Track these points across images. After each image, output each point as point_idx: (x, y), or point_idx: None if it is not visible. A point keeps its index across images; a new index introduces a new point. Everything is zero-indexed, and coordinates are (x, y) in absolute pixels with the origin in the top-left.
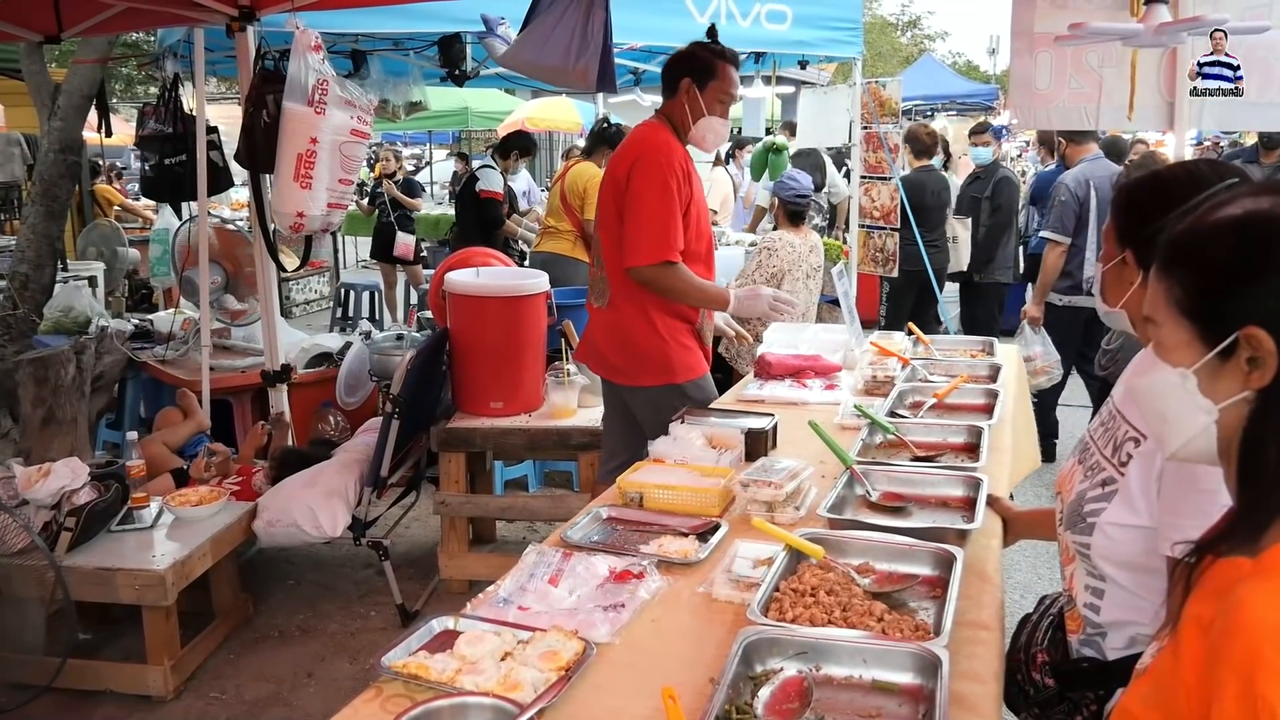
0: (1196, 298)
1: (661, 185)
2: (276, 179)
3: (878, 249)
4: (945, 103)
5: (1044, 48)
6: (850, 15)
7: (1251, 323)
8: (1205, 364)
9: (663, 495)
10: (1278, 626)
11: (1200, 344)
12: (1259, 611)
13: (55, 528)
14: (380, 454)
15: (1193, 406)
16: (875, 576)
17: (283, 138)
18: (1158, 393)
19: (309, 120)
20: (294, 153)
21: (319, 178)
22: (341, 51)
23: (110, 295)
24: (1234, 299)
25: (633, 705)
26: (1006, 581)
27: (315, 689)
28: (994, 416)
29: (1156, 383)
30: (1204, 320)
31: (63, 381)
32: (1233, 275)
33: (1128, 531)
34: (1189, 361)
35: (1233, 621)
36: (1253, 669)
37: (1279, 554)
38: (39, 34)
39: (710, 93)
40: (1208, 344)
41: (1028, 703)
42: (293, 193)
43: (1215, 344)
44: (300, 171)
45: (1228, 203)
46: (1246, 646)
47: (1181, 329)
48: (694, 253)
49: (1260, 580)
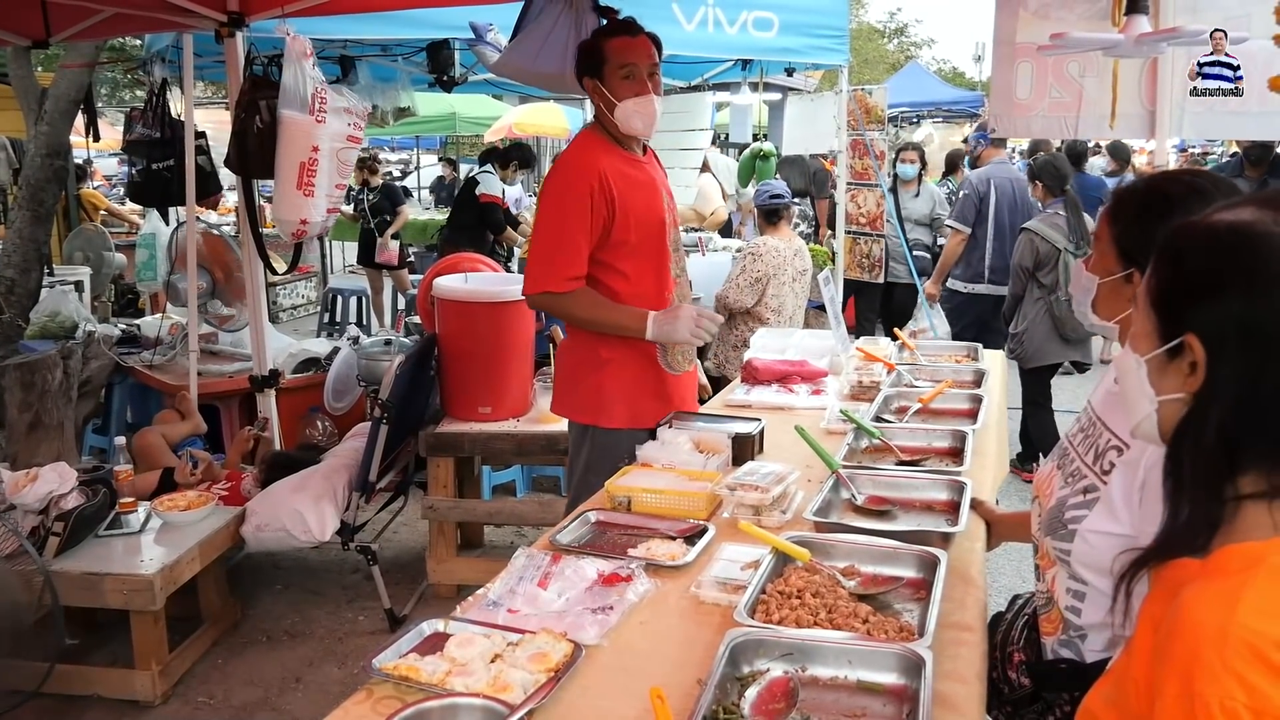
0: (1167, 294)
1: (556, 207)
2: (278, 188)
3: (864, 255)
4: (931, 110)
5: (1025, 58)
6: (837, 22)
7: (1195, 330)
8: (1155, 357)
9: (650, 499)
10: (1217, 628)
11: (1156, 337)
12: (1200, 612)
13: (43, 533)
14: (369, 459)
15: (1142, 392)
16: (860, 579)
17: (283, 146)
18: (1122, 371)
19: (310, 129)
20: (296, 161)
21: (320, 185)
22: (330, 57)
23: (96, 300)
24: (1191, 303)
25: (621, 706)
26: (991, 585)
27: (303, 693)
28: (978, 421)
29: (1122, 363)
30: (1165, 316)
31: (49, 386)
32: (1199, 281)
33: (1109, 539)
34: (1145, 350)
35: (1176, 622)
36: (1191, 669)
37: (1224, 556)
38: (27, 39)
39: (609, 77)
40: (1161, 339)
41: (1001, 701)
42: (296, 201)
43: (1166, 341)
44: (303, 180)
45: (1232, 209)
46: (1187, 647)
47: (1148, 319)
48: (641, 252)
49: (1204, 582)
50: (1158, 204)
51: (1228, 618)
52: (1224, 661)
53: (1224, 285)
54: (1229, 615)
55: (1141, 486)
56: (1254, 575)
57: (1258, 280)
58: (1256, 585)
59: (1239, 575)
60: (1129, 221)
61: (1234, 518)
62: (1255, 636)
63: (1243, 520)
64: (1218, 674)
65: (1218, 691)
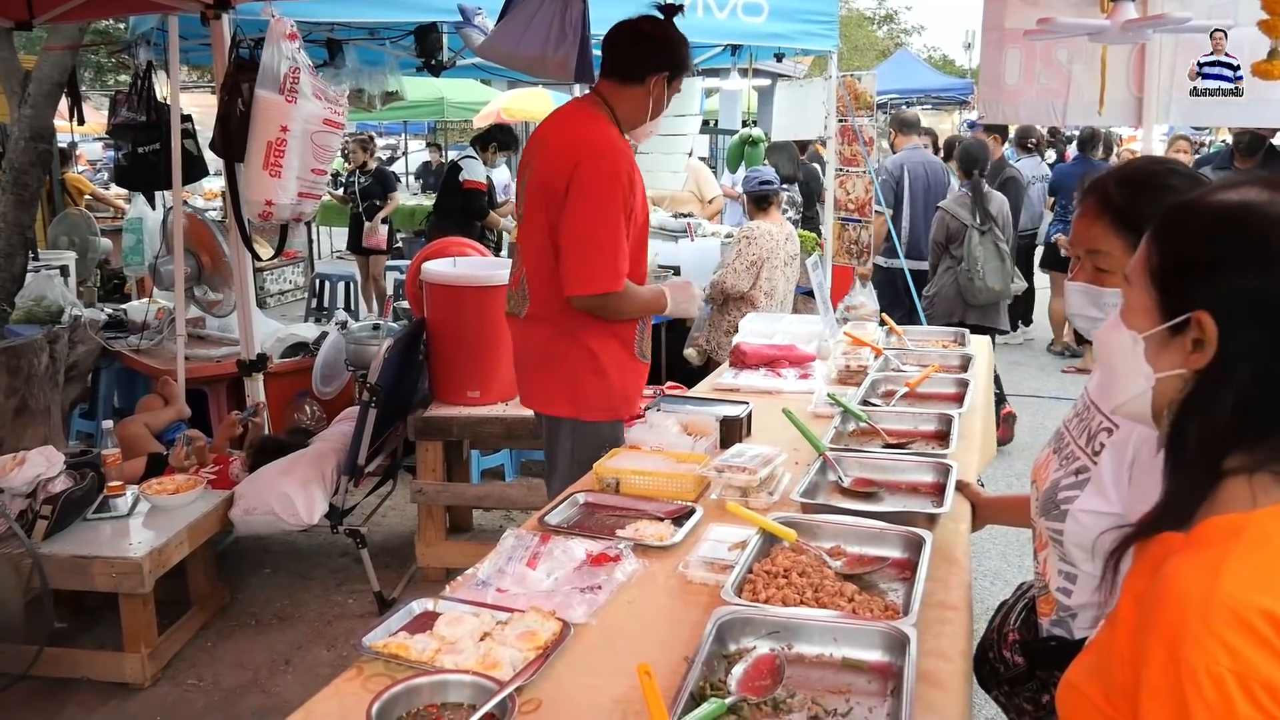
0: (1169, 270)
1: (608, 202)
2: (247, 167)
3: (852, 241)
4: (920, 97)
5: (1014, 44)
6: (826, 9)
7: (1204, 307)
8: (1156, 333)
9: (639, 481)
10: (1201, 597)
11: (1158, 313)
12: (1184, 582)
13: (31, 516)
14: (358, 442)
15: (1136, 369)
16: (846, 559)
17: (254, 125)
18: (1110, 348)
19: (280, 108)
20: (264, 140)
21: (289, 166)
22: (317, 40)
23: (82, 285)
24: (1197, 280)
25: (609, 683)
26: (977, 569)
27: (293, 676)
28: (964, 405)
29: (1113, 340)
30: (1167, 292)
31: (36, 371)
32: (1204, 258)
33: (1099, 518)
34: (1144, 327)
35: (1161, 593)
36: (1177, 637)
37: (1207, 528)
38: (9, 20)
39: (674, 88)
40: (1164, 315)
41: (998, 680)
42: (262, 181)
43: (1170, 317)
44: (270, 159)
45: (1231, 188)
46: (1172, 616)
47: (1146, 295)
48: (639, 240)
49: (1188, 553)
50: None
51: (1211, 586)
52: (1209, 628)
53: (1237, 262)
54: (1213, 584)
55: (1130, 465)
56: (1236, 544)
57: (1272, 257)
58: (1238, 554)
59: (1221, 545)
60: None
61: (1215, 491)
62: (1239, 604)
63: (1224, 493)
64: (1203, 641)
65: (1204, 658)
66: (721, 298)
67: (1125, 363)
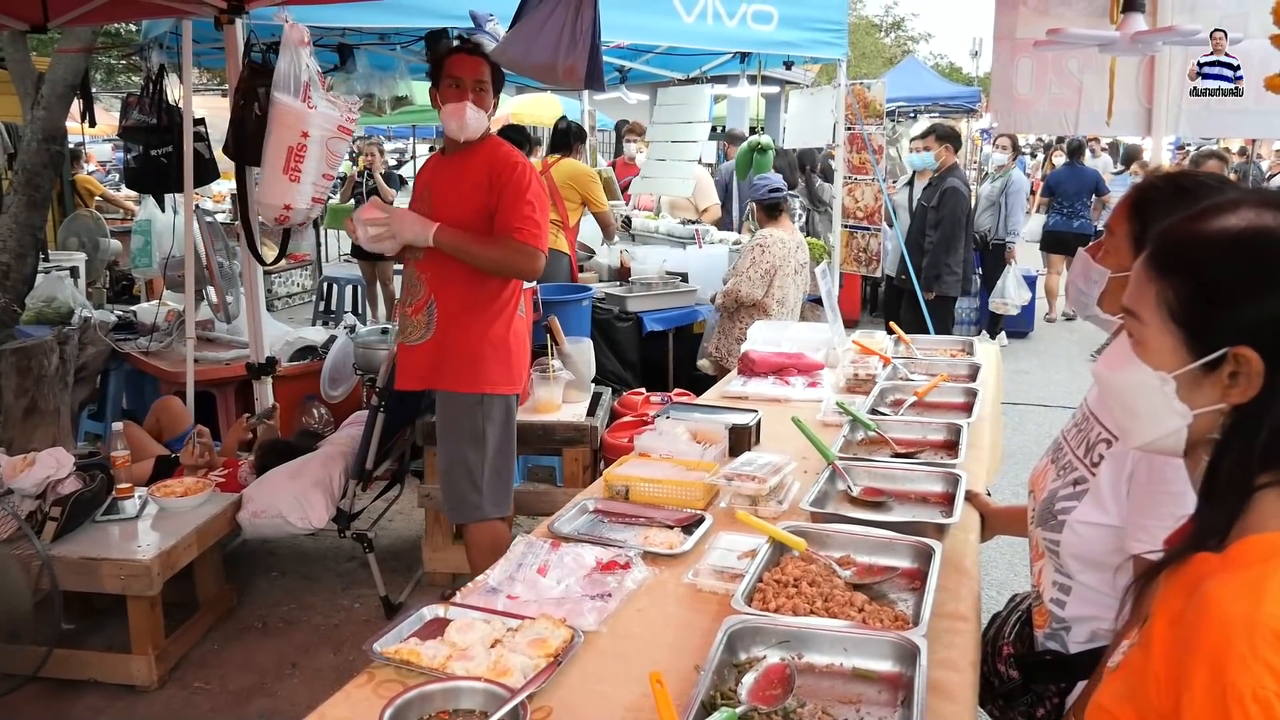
0: (1190, 307)
1: None
2: (264, 171)
3: (860, 249)
4: (928, 104)
5: (1025, 53)
6: (836, 16)
7: (1243, 341)
8: (1188, 372)
9: (648, 489)
10: (1245, 617)
11: (1186, 352)
12: (1227, 605)
13: (40, 517)
14: (365, 446)
15: (1168, 409)
16: (856, 568)
17: (273, 130)
18: (1131, 390)
19: (301, 114)
20: (284, 146)
21: (307, 172)
22: (328, 45)
23: (91, 286)
24: (1228, 314)
25: (620, 691)
26: (983, 579)
27: (299, 679)
28: (973, 414)
29: (1132, 381)
30: (1194, 330)
31: (45, 372)
32: (1230, 291)
33: (1096, 530)
34: (1171, 366)
35: (1202, 615)
36: (1222, 658)
37: (1244, 548)
38: (25, 23)
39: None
40: (1194, 353)
41: (993, 694)
42: (281, 185)
43: (1202, 354)
44: (290, 165)
45: (1228, 211)
46: (1216, 637)
47: (1168, 334)
48: None
49: (1228, 574)
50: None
51: (1255, 608)
52: (1254, 651)
53: (1269, 290)
54: (1256, 605)
55: (1129, 477)
56: (1278, 565)
57: None
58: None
59: (1262, 566)
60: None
61: (1248, 508)
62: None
63: (1257, 510)
64: (1249, 663)
65: (1249, 680)
66: (735, 306)
67: (1152, 403)
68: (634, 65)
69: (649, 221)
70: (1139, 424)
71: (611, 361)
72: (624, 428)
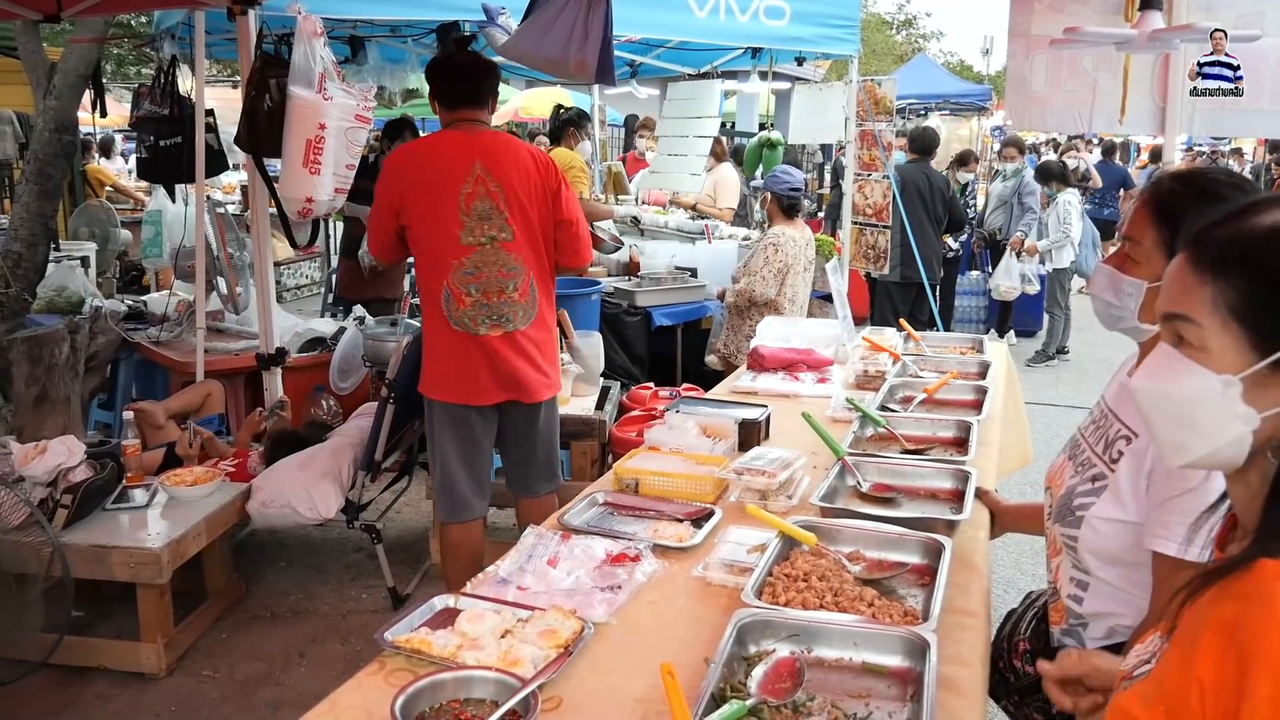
0: (1254, 304)
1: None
2: (285, 165)
3: (869, 246)
4: (939, 102)
5: (1040, 50)
6: (848, 13)
7: None
8: (1255, 372)
9: (658, 482)
10: None
11: (1251, 351)
12: None
13: (51, 505)
14: (374, 438)
15: (1230, 414)
16: (866, 564)
17: (290, 123)
18: (1188, 398)
19: (317, 106)
20: (303, 139)
21: (326, 163)
22: (340, 37)
23: (101, 276)
24: None
25: (630, 682)
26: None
27: (307, 669)
28: (983, 412)
29: (1188, 388)
30: (1259, 328)
31: (56, 361)
32: None
33: (1115, 526)
34: (1235, 368)
35: (1263, 621)
36: None
37: None
38: (38, 13)
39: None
40: (1261, 352)
41: (1008, 690)
42: (302, 178)
43: (1270, 352)
44: (309, 157)
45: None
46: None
47: (1229, 334)
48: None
49: None
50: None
51: None
52: None
53: None
54: None
55: (1148, 474)
56: None
57: None
58: None
59: None
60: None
61: None
62: None
63: None
64: None
65: None
66: (746, 304)
67: (1213, 410)
68: (645, 60)
69: (658, 217)
70: (1197, 435)
71: (620, 356)
72: (632, 422)
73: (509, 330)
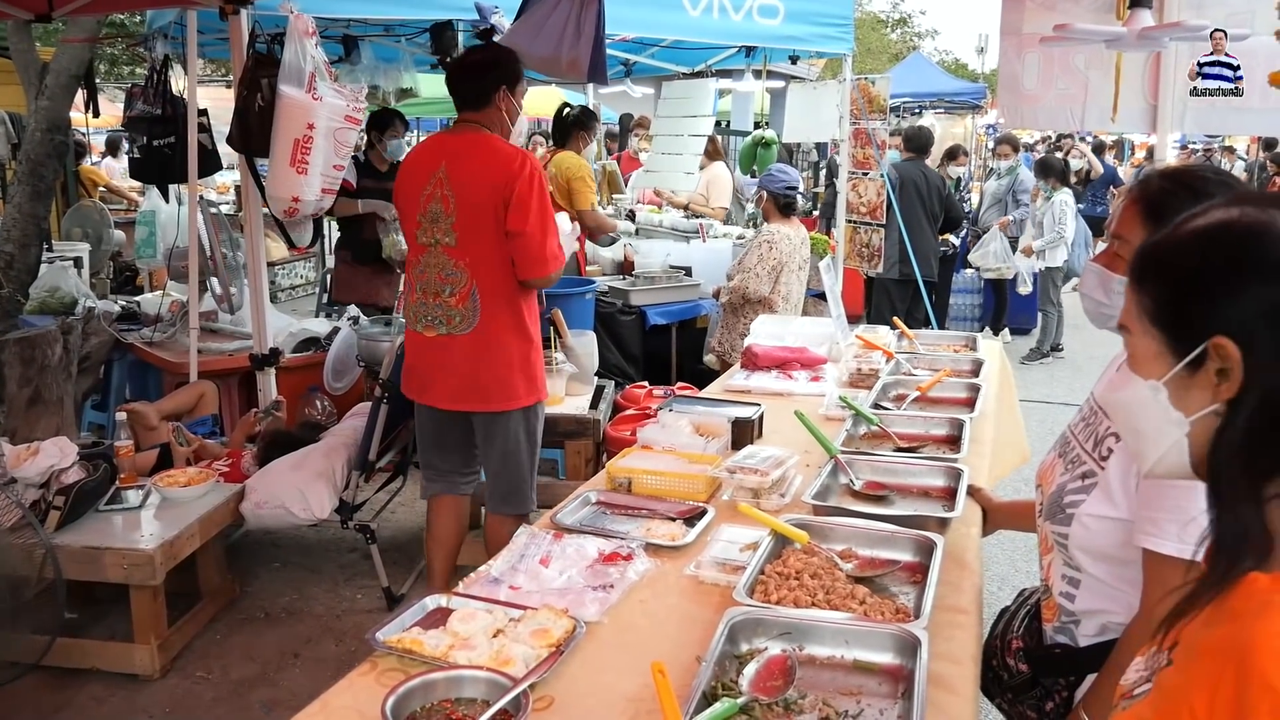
0: (1165, 307)
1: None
2: (272, 164)
3: (864, 244)
4: (933, 100)
5: (1031, 48)
6: (842, 11)
7: (1219, 332)
8: (1175, 375)
9: (651, 481)
10: None
11: (1170, 355)
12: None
13: (44, 506)
14: (369, 438)
15: (1164, 419)
16: (858, 561)
17: (279, 123)
18: (1132, 406)
19: (306, 106)
20: (290, 138)
21: (314, 164)
22: (333, 37)
23: (95, 277)
24: (1201, 308)
25: (622, 681)
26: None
27: (301, 669)
28: (975, 410)
29: (1129, 396)
30: (1173, 330)
31: (49, 361)
32: (1200, 284)
33: (1105, 523)
34: (1159, 373)
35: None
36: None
37: None
38: (29, 13)
39: (518, 94)
40: (1177, 355)
41: (1001, 688)
42: (289, 178)
43: (1184, 354)
44: (296, 157)
45: (1200, 215)
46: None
47: (1152, 339)
48: None
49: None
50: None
51: None
52: None
53: (1239, 279)
54: None
55: (1138, 471)
56: None
57: (1270, 265)
58: None
59: None
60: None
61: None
62: None
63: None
64: None
65: None
66: (741, 302)
67: (1151, 417)
68: (639, 59)
69: (653, 215)
70: (1146, 443)
71: (614, 355)
72: (626, 421)
73: (442, 333)
